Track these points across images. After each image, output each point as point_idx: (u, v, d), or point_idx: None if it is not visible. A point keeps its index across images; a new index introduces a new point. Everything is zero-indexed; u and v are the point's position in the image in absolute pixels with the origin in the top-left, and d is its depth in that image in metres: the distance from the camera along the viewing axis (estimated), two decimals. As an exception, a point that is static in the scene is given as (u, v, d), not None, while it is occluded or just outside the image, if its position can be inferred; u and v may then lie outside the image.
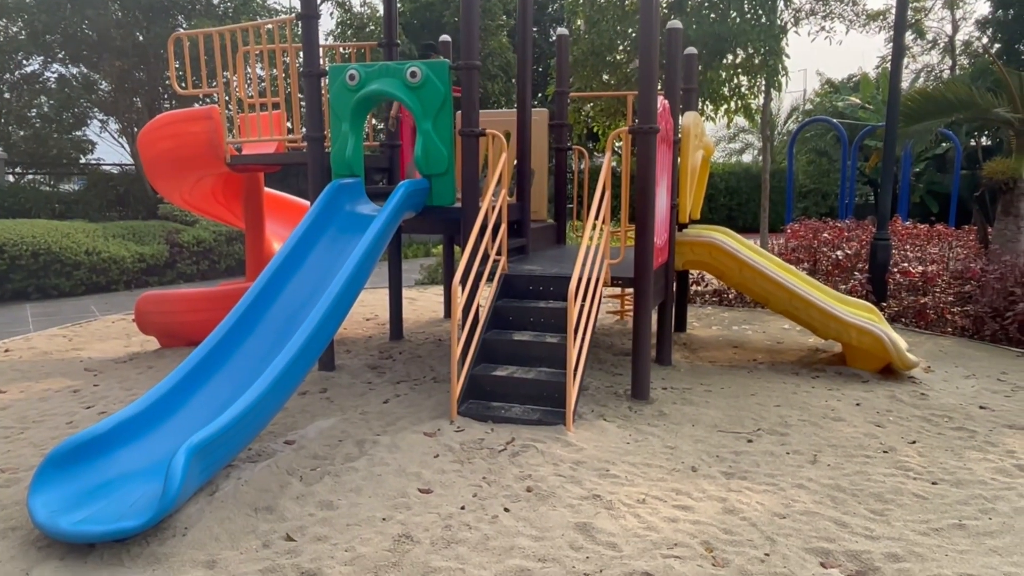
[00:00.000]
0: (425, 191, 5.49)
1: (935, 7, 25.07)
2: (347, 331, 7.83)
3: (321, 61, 5.90)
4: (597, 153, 21.45)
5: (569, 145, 7.46)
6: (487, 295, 5.54)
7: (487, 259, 5.32)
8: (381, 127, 7.15)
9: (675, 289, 6.97)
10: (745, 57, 12.48)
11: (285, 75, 6.40)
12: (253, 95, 6.56)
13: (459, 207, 5.53)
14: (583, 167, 7.54)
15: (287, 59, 6.22)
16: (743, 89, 12.86)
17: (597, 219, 5.05)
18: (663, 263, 5.90)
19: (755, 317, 8.65)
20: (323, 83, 5.91)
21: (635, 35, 12.53)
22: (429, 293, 10.72)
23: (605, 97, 13.16)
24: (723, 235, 6.80)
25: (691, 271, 8.53)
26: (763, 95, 13.61)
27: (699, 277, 9.89)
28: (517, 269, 5.67)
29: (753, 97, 13.05)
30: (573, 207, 9.51)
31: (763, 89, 13.29)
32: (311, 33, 5.76)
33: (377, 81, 5.37)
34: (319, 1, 20.13)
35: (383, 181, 6.78)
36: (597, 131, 14.51)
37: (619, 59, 13.24)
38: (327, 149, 5.85)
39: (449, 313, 8.55)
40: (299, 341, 4.02)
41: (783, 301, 6.47)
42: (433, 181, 5.50)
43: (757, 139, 26.17)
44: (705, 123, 10.15)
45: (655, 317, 6.21)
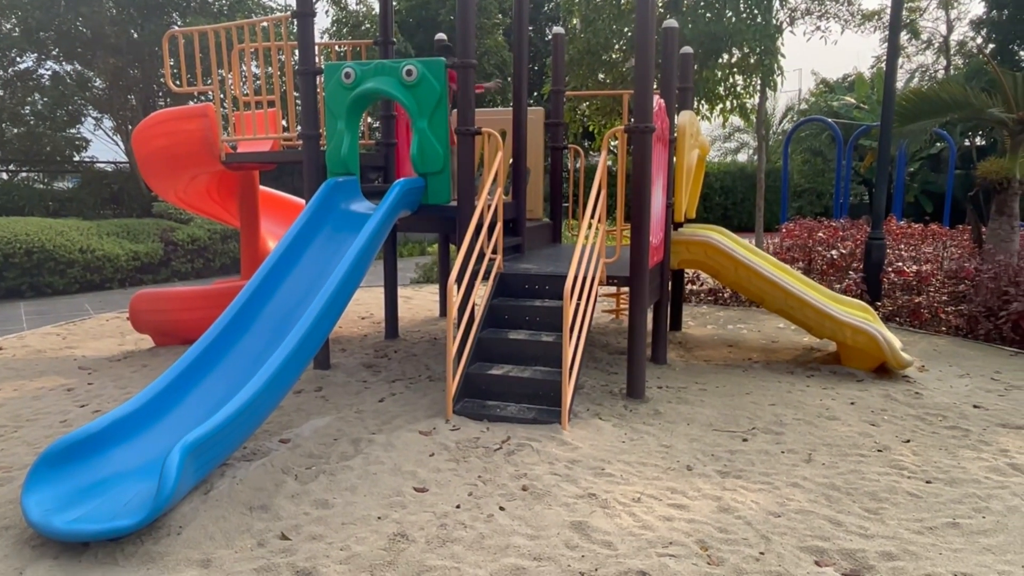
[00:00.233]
0: (421, 190, 5.49)
1: (930, 7, 25.17)
2: (342, 330, 7.82)
3: (317, 59, 5.89)
4: (593, 152, 21.46)
5: (565, 144, 7.46)
6: (483, 294, 5.54)
7: (483, 258, 5.32)
8: (376, 125, 7.13)
9: (670, 288, 6.97)
10: (741, 56, 12.50)
11: (280, 73, 6.39)
12: (248, 93, 6.54)
13: (455, 205, 5.53)
14: (579, 166, 7.53)
15: (283, 57, 6.21)
16: (739, 88, 12.89)
17: (593, 218, 5.05)
18: (659, 262, 5.90)
19: (750, 316, 8.67)
20: (319, 81, 5.90)
21: (631, 34, 12.53)
22: (424, 292, 10.71)
23: (601, 96, 13.17)
24: (718, 234, 6.81)
25: (687, 270, 8.54)
26: (758, 94, 13.64)
27: (694, 276, 9.91)
28: (513, 268, 5.67)
29: (748, 96, 13.08)
30: (569, 206, 9.51)
31: (758, 88, 13.32)
32: (307, 31, 5.74)
33: (373, 79, 5.36)
34: (314, -1, 20.08)
35: (378, 179, 6.77)
36: (593, 130, 14.52)
37: (615, 58, 13.25)
38: (322, 147, 5.84)
39: (444, 312, 8.54)
40: (294, 340, 4.01)
41: (778, 300, 6.48)
42: (429, 179, 5.50)
43: (752, 138, 26.19)
44: (701, 122, 10.16)
45: (651, 316, 6.21)
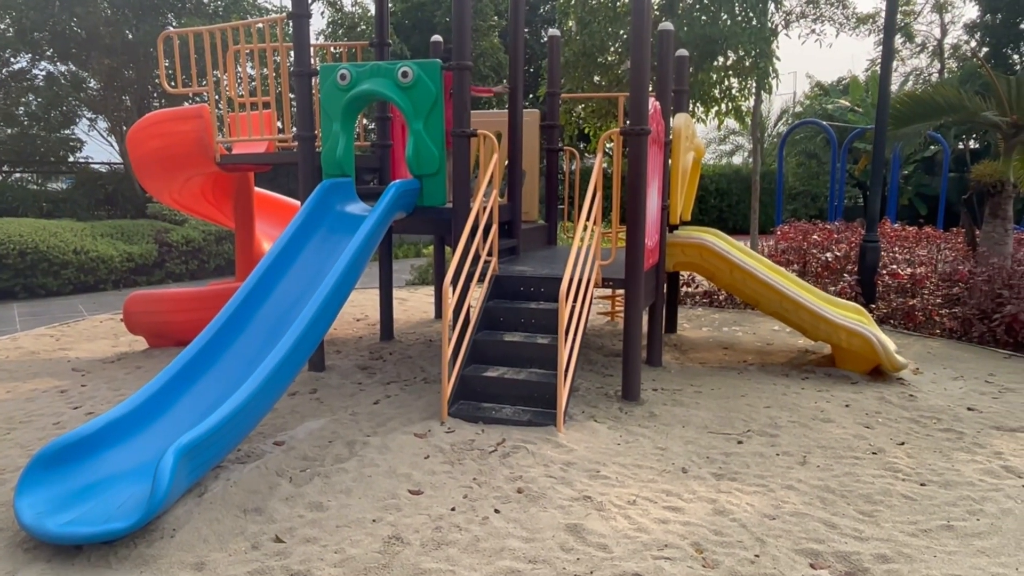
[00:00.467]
0: (416, 191, 5.48)
1: (924, 11, 25.28)
2: (337, 331, 7.81)
3: (312, 60, 5.88)
4: (588, 154, 21.47)
5: (560, 146, 7.46)
6: (478, 296, 5.54)
7: (478, 260, 5.32)
8: (372, 127, 7.13)
9: (666, 290, 6.98)
10: (736, 59, 12.52)
11: (276, 74, 6.37)
12: (244, 94, 6.53)
13: (450, 207, 5.53)
14: (574, 168, 7.53)
15: (278, 58, 6.19)
16: (734, 91, 12.90)
17: (588, 220, 5.06)
18: (654, 264, 5.91)
19: (745, 318, 8.68)
20: (314, 83, 5.89)
21: (626, 37, 12.55)
22: (420, 293, 10.70)
23: (596, 98, 13.17)
24: (713, 237, 6.82)
25: (682, 272, 8.55)
26: (753, 97, 13.65)
27: (689, 278, 9.92)
28: (508, 270, 5.67)
29: (744, 99, 13.09)
30: (564, 208, 9.51)
31: (753, 91, 13.34)
32: (302, 32, 5.74)
33: (368, 81, 5.35)
34: (310, 1, 20.06)
35: (374, 181, 6.76)
36: (588, 132, 14.53)
37: (610, 60, 13.25)
38: (318, 149, 5.83)
39: (440, 314, 8.53)
40: (289, 341, 4.00)
41: (773, 303, 6.49)
42: (424, 181, 5.49)
43: (747, 141, 26.27)
44: (696, 125, 10.18)
45: (646, 318, 6.22)
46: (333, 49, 14.56)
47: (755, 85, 13.04)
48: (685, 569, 2.95)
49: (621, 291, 6.82)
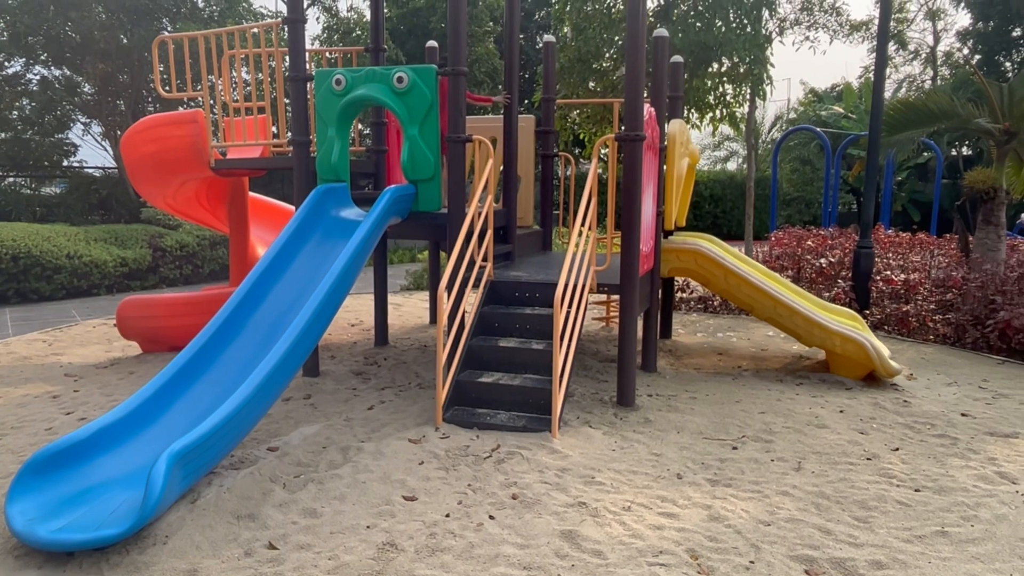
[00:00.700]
0: (411, 197, 5.48)
1: (917, 18, 25.45)
2: (332, 337, 7.79)
3: (307, 66, 5.88)
4: (583, 160, 21.52)
5: (555, 152, 7.47)
6: (473, 301, 5.53)
7: (473, 265, 5.31)
8: (367, 132, 7.13)
9: (660, 296, 6.99)
10: (730, 66, 12.57)
11: (271, 79, 6.37)
12: (238, 99, 6.52)
13: (445, 213, 5.52)
14: (569, 174, 7.54)
15: (273, 63, 6.19)
16: (728, 97, 12.95)
17: (583, 226, 5.06)
18: (649, 270, 5.91)
19: (740, 324, 8.70)
20: (309, 88, 5.89)
21: (621, 43, 12.59)
22: (414, 299, 10.68)
23: (591, 104, 13.21)
24: (708, 242, 6.83)
25: (676, 278, 8.57)
26: (748, 104, 13.70)
27: (684, 284, 9.93)
28: (503, 275, 5.66)
29: (738, 105, 13.14)
30: (559, 214, 9.52)
31: (748, 98, 13.39)
32: (297, 37, 5.73)
33: (363, 86, 5.35)
34: (306, 5, 20.10)
35: (369, 186, 6.76)
36: (583, 138, 14.55)
37: (605, 66, 13.29)
38: (313, 154, 5.82)
39: (434, 319, 8.52)
40: (283, 347, 3.99)
41: (768, 308, 6.51)
42: (419, 187, 5.49)
43: (742, 147, 26.33)
44: (690, 131, 10.20)
45: (640, 324, 6.22)
46: (328, 54, 14.54)
47: (749, 91, 13.09)
48: (680, 575, 2.95)
49: (616, 297, 6.83)
